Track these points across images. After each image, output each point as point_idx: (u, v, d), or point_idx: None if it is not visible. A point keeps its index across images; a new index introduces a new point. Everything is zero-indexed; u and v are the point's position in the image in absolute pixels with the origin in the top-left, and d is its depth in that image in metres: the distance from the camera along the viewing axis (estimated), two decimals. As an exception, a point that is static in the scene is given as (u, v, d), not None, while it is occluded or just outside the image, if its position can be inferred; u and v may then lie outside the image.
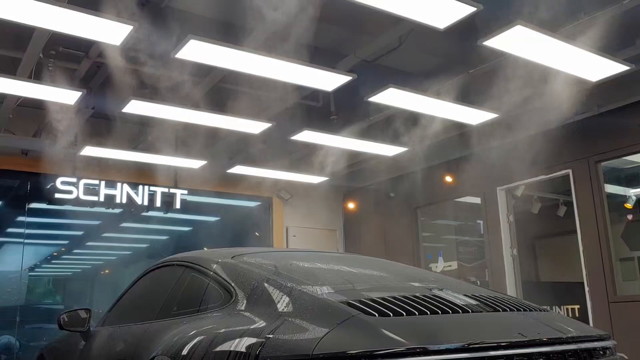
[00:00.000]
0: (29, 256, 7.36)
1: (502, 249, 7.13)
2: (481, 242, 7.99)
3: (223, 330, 2.23)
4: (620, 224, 6.66)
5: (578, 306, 6.74)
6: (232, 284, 2.58)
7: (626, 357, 2.32)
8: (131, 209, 7.61)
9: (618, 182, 7.11)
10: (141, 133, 6.91)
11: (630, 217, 6.64)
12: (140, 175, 7.44)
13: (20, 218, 7.34)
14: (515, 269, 7.12)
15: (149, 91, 5.29)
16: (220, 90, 5.63)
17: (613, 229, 6.24)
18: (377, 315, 2.01)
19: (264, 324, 2.12)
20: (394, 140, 6.69)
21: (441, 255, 8.37)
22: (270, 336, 1.99)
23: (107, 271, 8.74)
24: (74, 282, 8.46)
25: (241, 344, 2.01)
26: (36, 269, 7.78)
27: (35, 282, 7.72)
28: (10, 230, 7.55)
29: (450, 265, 8.11)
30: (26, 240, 7.27)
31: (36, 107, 5.87)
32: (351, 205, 9.39)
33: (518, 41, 4.21)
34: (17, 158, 6.94)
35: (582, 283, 6.28)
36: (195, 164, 7.15)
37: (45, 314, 7.18)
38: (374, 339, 1.86)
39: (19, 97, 5.42)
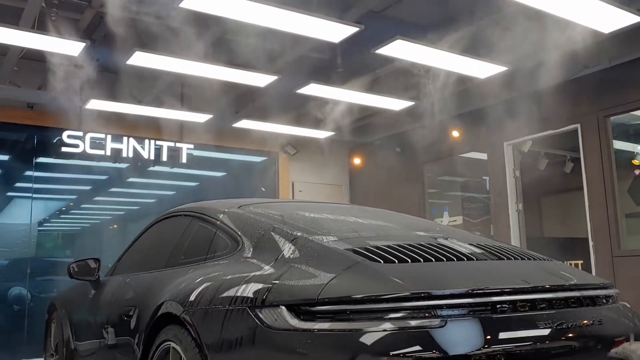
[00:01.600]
0: (37, 211, 7.42)
1: (508, 204, 7.14)
2: (487, 198, 7.99)
3: (230, 276, 2.26)
4: (627, 180, 6.64)
5: (581, 261, 6.78)
6: (239, 233, 2.60)
7: (628, 305, 2.35)
8: (138, 163, 7.62)
9: (627, 138, 7.06)
10: (146, 86, 6.86)
11: (637, 172, 6.61)
12: (146, 129, 7.43)
13: (28, 172, 7.38)
14: (520, 224, 7.15)
15: (154, 43, 5.22)
16: (225, 42, 5.55)
17: (619, 184, 6.23)
18: (382, 262, 2.03)
19: (270, 270, 2.15)
20: (401, 94, 6.62)
21: (447, 210, 8.40)
22: (277, 282, 2.01)
23: (115, 226, 8.83)
24: (82, 236, 8.56)
25: (248, 290, 2.04)
26: (45, 224, 7.87)
27: (44, 237, 7.82)
28: (18, 184, 7.61)
29: (455, 220, 8.14)
30: (34, 195, 7.32)
31: (40, 60, 5.82)
32: (357, 161, 9.38)
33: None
34: (23, 111, 6.93)
35: (586, 239, 6.31)
36: (201, 117, 7.12)
37: (54, 267, 7.29)
38: (379, 284, 1.88)
39: (22, 49, 5.37)
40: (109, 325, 3.24)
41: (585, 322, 2.01)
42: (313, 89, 6.25)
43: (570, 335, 1.94)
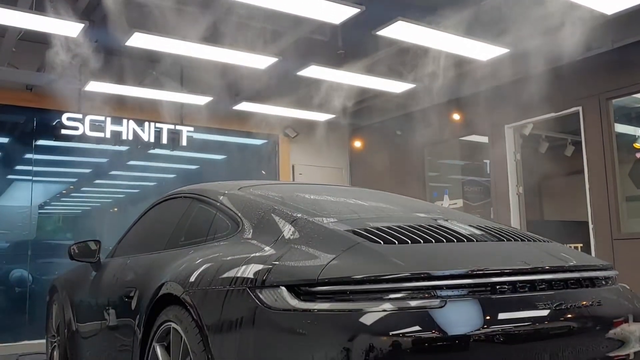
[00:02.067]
0: (37, 193, 7.42)
1: (508, 187, 7.14)
2: (487, 182, 7.99)
3: (230, 257, 2.26)
4: (628, 163, 6.63)
5: (581, 244, 6.80)
6: (239, 214, 2.60)
7: (627, 287, 2.35)
8: (138, 146, 7.61)
9: (628, 121, 7.03)
10: (146, 68, 6.83)
11: (638, 155, 6.60)
12: (146, 111, 7.40)
13: (28, 155, 7.37)
14: (521, 207, 7.15)
15: (153, 24, 5.18)
16: (225, 23, 5.51)
17: (620, 168, 6.22)
18: (382, 242, 2.03)
19: (271, 251, 2.15)
20: (402, 76, 6.59)
21: (447, 193, 8.40)
22: (277, 262, 2.02)
23: (115, 209, 8.83)
24: (83, 219, 8.56)
25: (248, 270, 2.05)
26: (45, 207, 7.87)
27: (44, 219, 7.82)
28: (18, 167, 7.60)
29: (456, 204, 8.15)
30: (34, 178, 7.32)
31: (39, 42, 5.79)
32: (358, 144, 9.36)
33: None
34: (22, 93, 6.90)
35: (587, 222, 6.31)
36: (201, 100, 7.10)
37: (55, 249, 7.30)
38: (378, 264, 1.88)
39: (20, 30, 5.33)
40: (109, 306, 3.26)
41: (585, 303, 2.02)
42: (313, 71, 6.22)
43: (570, 316, 1.95)
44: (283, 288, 1.88)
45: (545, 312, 1.90)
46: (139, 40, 5.29)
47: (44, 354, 5.04)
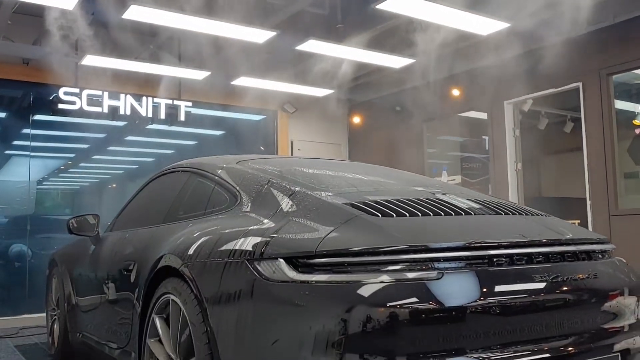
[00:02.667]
0: (35, 169, 7.41)
1: (507, 163, 7.14)
2: (486, 159, 7.99)
3: (228, 230, 2.27)
4: (627, 140, 6.62)
5: (578, 220, 6.82)
6: (237, 188, 2.60)
7: (624, 260, 2.37)
8: (135, 121, 7.57)
9: (628, 97, 7.00)
10: (143, 42, 6.76)
11: (638, 131, 6.59)
12: (144, 86, 7.35)
13: (25, 130, 7.34)
14: (519, 183, 7.16)
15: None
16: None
17: (619, 145, 6.21)
18: (380, 215, 2.03)
19: (269, 224, 2.16)
20: (401, 51, 6.53)
21: (446, 170, 8.40)
22: (275, 235, 2.02)
23: (114, 185, 8.83)
24: (81, 195, 8.57)
25: (246, 243, 2.05)
26: (44, 182, 7.86)
27: (43, 195, 7.83)
28: (16, 142, 7.57)
29: (454, 180, 8.15)
30: (32, 153, 7.30)
31: (35, 15, 5.72)
32: (357, 120, 9.33)
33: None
34: (18, 67, 6.84)
35: (584, 199, 6.33)
36: (199, 74, 7.04)
37: (54, 225, 7.32)
38: (376, 237, 1.89)
39: (16, 2, 5.26)
40: (109, 280, 3.28)
41: (581, 275, 2.03)
42: (312, 46, 6.16)
43: (566, 288, 1.96)
44: (281, 260, 1.89)
45: (541, 285, 1.92)
46: (136, 13, 5.22)
47: (44, 327, 5.09)
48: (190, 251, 2.28)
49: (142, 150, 8.74)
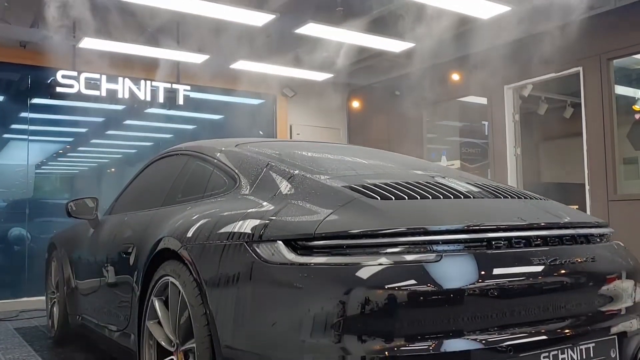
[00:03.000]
0: (34, 153, 7.39)
1: (506, 148, 7.13)
2: (485, 144, 7.98)
3: (227, 212, 2.27)
4: (626, 125, 6.61)
5: (577, 206, 6.83)
6: (236, 171, 2.60)
7: (622, 244, 2.37)
8: (134, 105, 7.54)
9: (628, 83, 6.98)
10: (141, 25, 6.70)
11: (637, 116, 6.58)
12: (142, 69, 7.30)
13: (23, 114, 7.31)
14: (518, 168, 7.16)
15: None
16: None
17: (619, 130, 6.20)
18: (379, 198, 2.03)
19: (268, 206, 2.16)
20: (401, 35, 6.49)
21: (445, 154, 8.40)
22: (274, 218, 2.02)
23: (112, 169, 8.82)
24: (80, 179, 8.56)
25: (245, 225, 2.05)
26: (42, 166, 7.85)
27: (41, 179, 7.82)
28: (14, 126, 7.54)
29: (453, 165, 8.15)
30: (30, 137, 7.28)
31: (31, -3, 5.67)
32: (356, 104, 9.30)
33: None
34: (16, 50, 6.80)
35: (583, 184, 6.33)
36: (198, 58, 7.00)
37: (53, 209, 7.32)
38: (375, 219, 1.89)
39: (12, -16, 5.21)
40: (108, 263, 3.28)
41: (579, 259, 2.04)
42: (311, 29, 6.12)
43: (564, 271, 1.97)
44: (280, 242, 1.89)
45: (539, 268, 1.92)
46: (133, -5, 5.18)
47: (44, 310, 5.12)
48: (189, 234, 2.28)
49: (141, 135, 8.72)
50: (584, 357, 1.96)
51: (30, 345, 4.37)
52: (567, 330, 1.93)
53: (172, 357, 2.35)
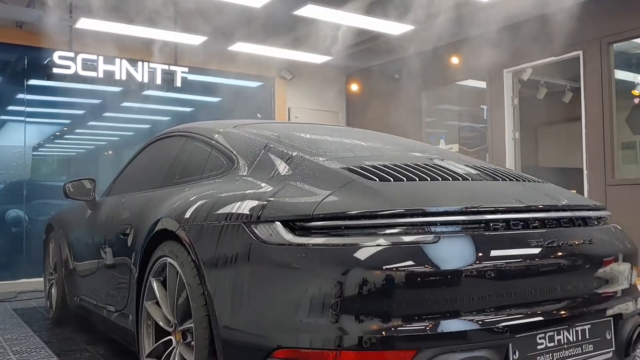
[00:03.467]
0: (31, 135, 7.35)
1: (505, 132, 7.12)
2: (483, 128, 7.96)
3: (225, 194, 2.26)
4: (625, 110, 6.60)
5: (574, 191, 6.84)
6: (234, 152, 2.59)
7: (619, 227, 2.38)
8: (131, 86, 7.49)
9: (627, 67, 6.96)
10: (138, 5, 6.64)
11: (637, 100, 6.57)
12: (139, 51, 7.25)
13: (20, 95, 7.27)
14: (516, 152, 7.16)
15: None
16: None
17: (618, 115, 6.19)
18: (377, 180, 2.03)
19: (266, 187, 2.15)
20: (401, 17, 6.44)
21: (443, 138, 8.38)
22: (272, 199, 2.02)
23: (110, 152, 8.79)
24: (77, 161, 8.54)
25: (243, 206, 2.05)
26: (39, 148, 7.82)
27: (39, 161, 7.79)
28: (10, 108, 7.50)
29: (452, 148, 8.14)
30: (27, 119, 7.24)
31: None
32: (354, 87, 9.26)
33: None
34: (12, 30, 6.73)
35: (581, 169, 6.34)
36: (196, 39, 6.95)
37: (50, 190, 7.30)
38: (373, 200, 1.89)
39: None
40: (106, 244, 3.29)
41: (576, 241, 2.04)
42: (310, 11, 6.07)
43: (561, 253, 1.98)
44: (278, 223, 1.89)
45: (537, 250, 1.93)
46: (131, -24, 5.13)
47: (42, 291, 5.13)
48: (187, 214, 2.28)
49: (138, 117, 8.67)
50: (580, 338, 1.97)
51: (28, 325, 4.39)
52: (563, 312, 1.94)
53: (170, 337, 2.37)
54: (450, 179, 2.15)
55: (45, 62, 6.85)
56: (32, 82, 7.25)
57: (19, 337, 4.00)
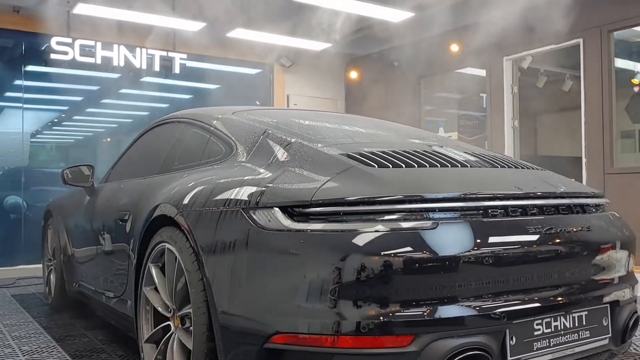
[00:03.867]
0: (29, 121, 7.33)
1: (504, 120, 7.11)
2: (483, 116, 7.95)
3: (224, 179, 2.26)
4: (624, 99, 6.59)
5: (573, 179, 6.84)
6: (233, 138, 2.58)
7: (617, 215, 2.38)
8: (129, 73, 7.46)
9: (627, 56, 6.93)
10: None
11: (636, 89, 6.55)
12: (137, 37, 7.21)
13: (18, 81, 7.23)
14: (515, 141, 7.16)
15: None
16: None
17: (617, 103, 6.18)
18: (376, 166, 2.02)
19: (265, 173, 2.15)
20: (401, 4, 6.41)
21: (442, 126, 8.37)
22: (271, 184, 2.02)
23: (108, 139, 8.77)
24: (75, 148, 8.52)
25: (242, 192, 2.05)
26: (37, 135, 7.80)
27: (37, 148, 7.77)
28: (8, 94, 7.47)
29: (451, 136, 8.13)
30: (25, 105, 7.21)
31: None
32: (354, 75, 9.22)
33: None
34: (8, 15, 6.69)
35: (580, 158, 6.34)
36: (194, 26, 6.91)
37: (48, 177, 7.30)
38: (372, 186, 1.88)
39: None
40: (104, 230, 3.29)
41: (574, 228, 2.05)
42: (310, -3, 6.04)
43: (559, 240, 1.98)
44: (277, 209, 1.89)
45: (535, 236, 1.93)
46: (129, -40, 5.09)
47: (41, 277, 5.14)
48: (186, 200, 2.27)
49: (137, 104, 8.64)
50: (577, 324, 1.98)
51: (27, 311, 4.40)
52: (560, 298, 1.95)
53: (168, 322, 2.38)
54: (449, 165, 2.14)
55: (43, 48, 6.81)
56: (30, 68, 7.21)
57: (18, 322, 4.01)
